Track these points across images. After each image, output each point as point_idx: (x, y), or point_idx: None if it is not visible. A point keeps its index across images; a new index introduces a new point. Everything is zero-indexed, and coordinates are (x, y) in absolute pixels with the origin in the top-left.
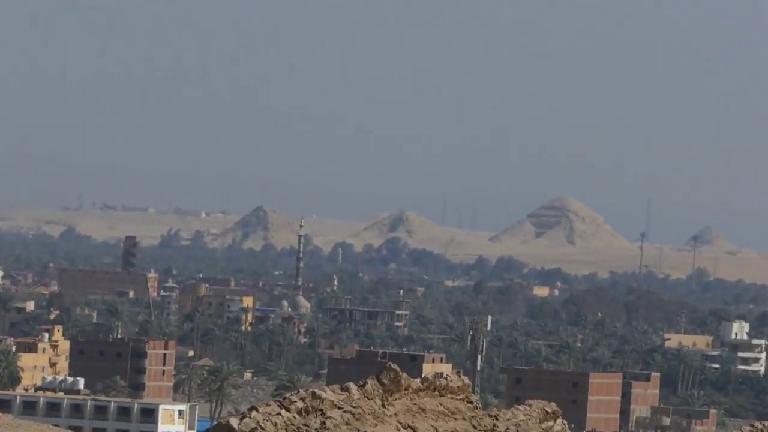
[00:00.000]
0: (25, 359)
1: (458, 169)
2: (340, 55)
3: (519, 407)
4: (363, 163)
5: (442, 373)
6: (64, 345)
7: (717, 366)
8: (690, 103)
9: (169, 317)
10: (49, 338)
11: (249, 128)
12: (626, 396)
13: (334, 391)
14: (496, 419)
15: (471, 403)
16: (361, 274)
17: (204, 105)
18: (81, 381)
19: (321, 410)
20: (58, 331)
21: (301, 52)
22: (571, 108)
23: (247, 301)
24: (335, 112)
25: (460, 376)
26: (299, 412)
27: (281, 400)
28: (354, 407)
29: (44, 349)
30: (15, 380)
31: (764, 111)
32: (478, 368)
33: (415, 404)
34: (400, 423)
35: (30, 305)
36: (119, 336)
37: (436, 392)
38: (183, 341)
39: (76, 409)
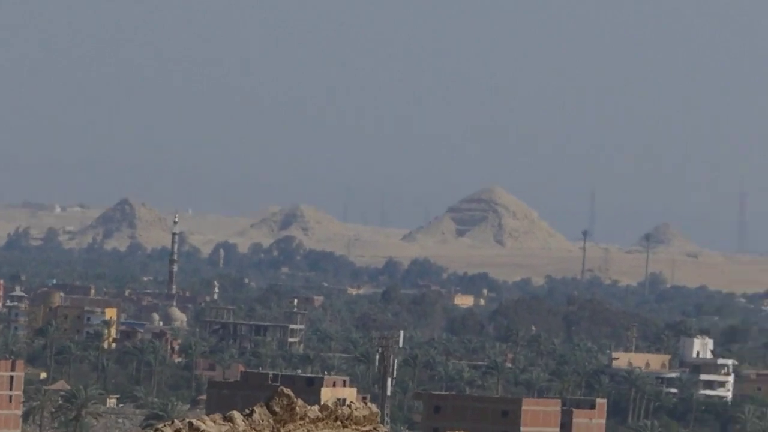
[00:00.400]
0: None
1: (363, 154)
2: (225, 25)
3: None
4: (250, 148)
5: (344, 400)
6: None
7: (675, 391)
8: (643, 71)
9: (17, 332)
10: None
11: (111, 106)
12: (566, 427)
13: (215, 421)
14: None
15: None
16: (247, 281)
17: (58, 81)
18: None
19: None
20: None
21: (172, 23)
22: (500, 82)
23: (111, 313)
24: (217, 84)
25: (366, 404)
26: None
27: (152, 431)
28: None
29: None
30: None
31: (732, 84)
32: (389, 393)
33: None
34: None
35: None
36: None
37: (338, 422)
38: (33, 361)
39: None
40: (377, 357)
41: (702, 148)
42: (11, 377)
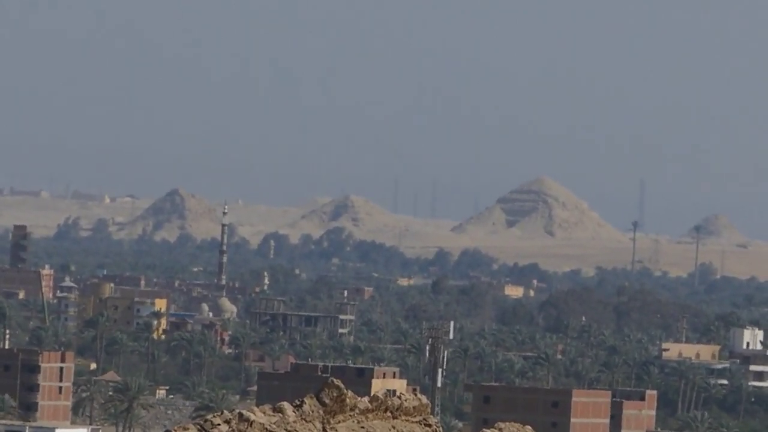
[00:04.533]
0: None
1: (413, 145)
2: (270, 21)
3: (487, 431)
4: (299, 139)
5: (394, 391)
6: None
7: (725, 382)
8: (693, 62)
9: (67, 323)
10: None
11: (162, 97)
12: (616, 418)
13: (264, 412)
14: None
15: (430, 426)
16: (297, 272)
17: (108, 70)
18: None
19: None
20: None
21: (224, 16)
22: (549, 74)
23: (160, 305)
24: (264, 78)
25: (416, 395)
26: None
27: (202, 423)
28: (289, 431)
29: None
30: None
31: None
32: (439, 385)
33: (362, 428)
34: None
35: None
36: (7, 346)
37: (388, 413)
38: (83, 352)
39: None
40: (427, 348)
41: (751, 139)
42: (61, 368)
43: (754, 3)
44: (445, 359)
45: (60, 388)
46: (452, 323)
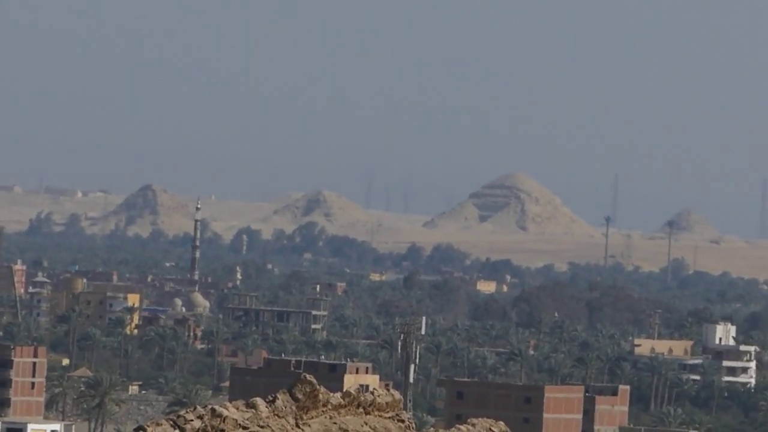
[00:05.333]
0: None
1: (385, 140)
2: (243, 19)
3: (460, 427)
4: (272, 134)
5: (367, 386)
6: None
7: (698, 378)
8: (666, 59)
9: (40, 318)
10: None
11: (134, 91)
12: (589, 413)
13: (237, 408)
14: None
15: (402, 422)
16: (270, 267)
17: (82, 67)
18: None
19: (222, 430)
20: None
21: (198, 13)
22: (521, 69)
23: (133, 300)
24: (238, 75)
25: (389, 390)
26: None
27: (175, 418)
28: (262, 427)
29: None
30: None
31: (756, 75)
32: (411, 380)
33: (335, 423)
34: None
35: None
36: None
37: (361, 409)
38: (56, 348)
39: None
40: (400, 343)
41: (725, 135)
42: (34, 364)
43: (723, 2)
44: (417, 355)
45: (33, 383)
46: (424, 319)
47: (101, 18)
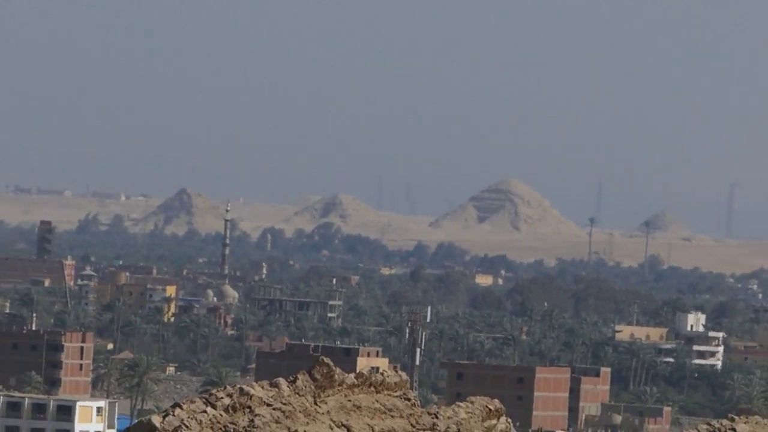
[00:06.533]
0: None
1: (395, 149)
2: (267, 23)
3: (460, 404)
4: (293, 143)
5: (378, 368)
6: None
7: (671, 360)
8: (643, 74)
9: (87, 307)
10: None
11: (170, 106)
12: (575, 392)
13: (263, 387)
14: (436, 417)
15: (409, 400)
16: (291, 262)
17: (122, 80)
18: None
19: (249, 407)
20: None
21: (223, 22)
22: (515, 85)
23: (170, 291)
24: (262, 85)
25: (397, 371)
26: (226, 410)
27: (207, 396)
28: (284, 404)
29: None
30: None
31: (724, 85)
32: (417, 363)
33: (349, 401)
34: (334, 421)
35: None
36: (34, 328)
37: (372, 388)
38: (102, 333)
39: None
40: (407, 330)
41: (696, 144)
42: (82, 348)
43: (697, 6)
44: (422, 340)
45: (81, 365)
46: (429, 308)
47: (143, 30)
